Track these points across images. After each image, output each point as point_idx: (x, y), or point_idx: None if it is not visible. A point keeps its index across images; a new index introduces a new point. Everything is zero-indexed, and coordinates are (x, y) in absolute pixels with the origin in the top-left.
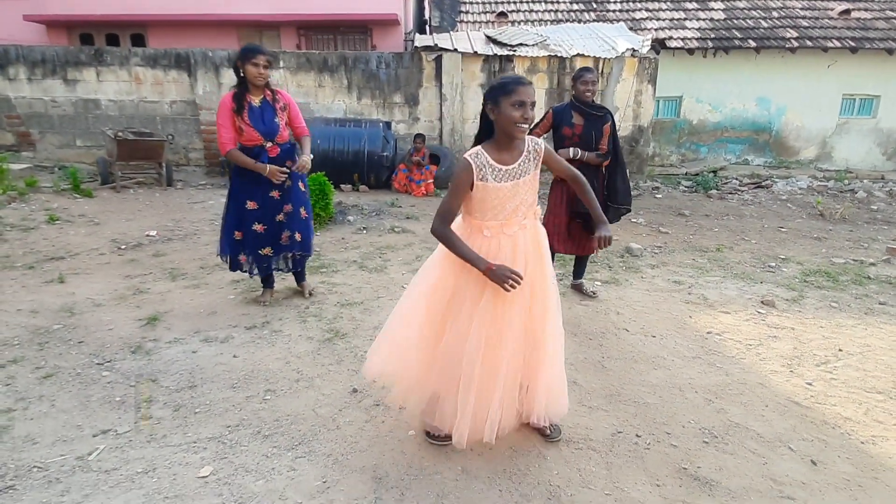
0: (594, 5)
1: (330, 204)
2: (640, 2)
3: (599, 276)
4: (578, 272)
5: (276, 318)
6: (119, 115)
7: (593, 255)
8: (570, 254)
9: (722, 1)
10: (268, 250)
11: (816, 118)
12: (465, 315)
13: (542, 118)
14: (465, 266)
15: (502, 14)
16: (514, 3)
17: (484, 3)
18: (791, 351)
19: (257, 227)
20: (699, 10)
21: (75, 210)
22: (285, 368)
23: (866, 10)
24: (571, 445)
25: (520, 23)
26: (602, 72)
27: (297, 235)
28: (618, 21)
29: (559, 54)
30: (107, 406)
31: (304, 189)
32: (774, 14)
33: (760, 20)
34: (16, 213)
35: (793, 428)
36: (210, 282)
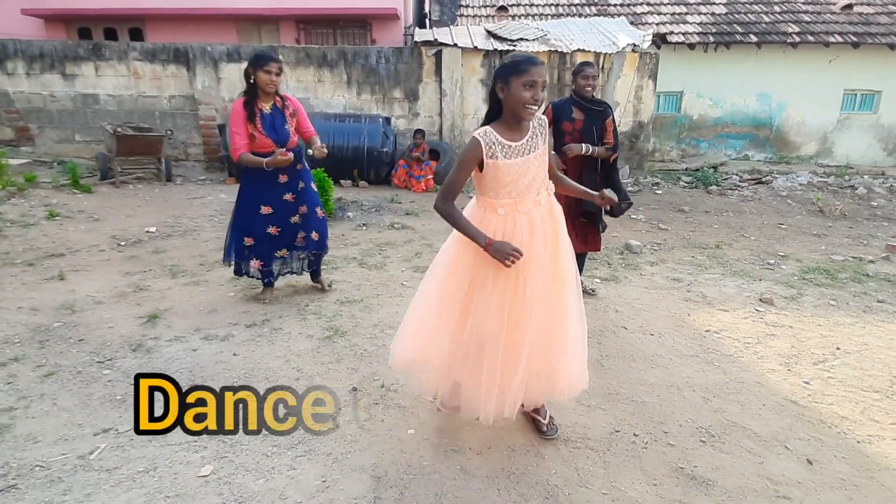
0: None
1: (329, 200)
2: None
3: (599, 274)
4: (578, 269)
5: (276, 316)
6: (118, 109)
7: (596, 252)
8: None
9: None
10: (283, 252)
11: (817, 113)
12: (486, 294)
13: (542, 113)
14: (481, 253)
15: (503, 8)
16: None
17: None
18: (789, 349)
19: (272, 229)
20: (700, 4)
21: (75, 206)
22: (285, 367)
23: (868, 5)
24: (569, 444)
25: (520, 17)
26: (603, 67)
27: (313, 235)
28: (619, 15)
29: (560, 49)
30: (107, 405)
31: (315, 189)
32: (776, 8)
33: (762, 14)
34: (15, 209)
35: (789, 427)
36: (210, 279)
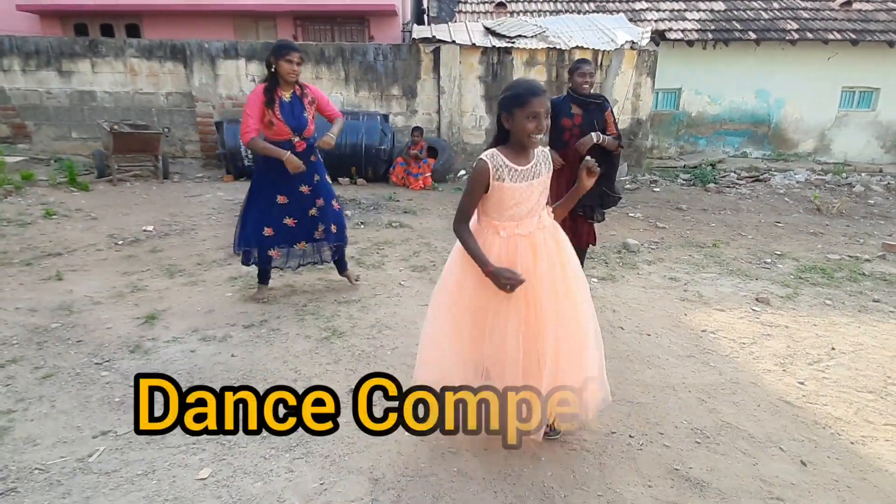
0: None
1: None
2: None
3: (596, 273)
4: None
5: (273, 317)
6: (115, 106)
7: (592, 245)
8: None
9: None
10: (303, 244)
11: (815, 111)
12: (501, 321)
13: None
14: (483, 273)
15: (501, 4)
16: None
17: None
18: (784, 349)
19: (288, 221)
20: (699, 0)
21: (72, 204)
22: (283, 368)
23: (868, 2)
24: (565, 446)
25: (519, 13)
26: (601, 64)
27: (332, 227)
28: (617, 12)
29: (558, 46)
30: (106, 407)
31: (329, 182)
32: (775, 5)
33: (761, 11)
34: (12, 208)
35: (784, 428)
36: (207, 279)
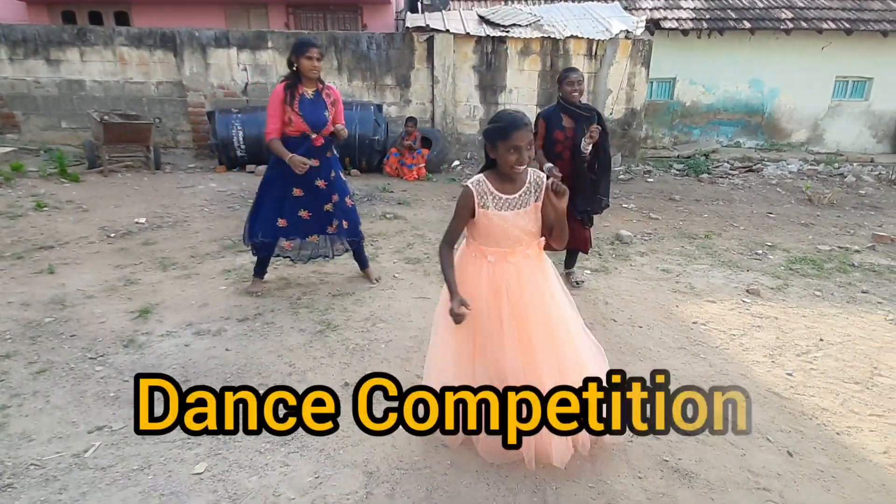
0: None
1: None
2: None
3: (589, 265)
4: (570, 262)
5: (267, 310)
6: (104, 96)
7: (584, 251)
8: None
9: None
10: (315, 237)
11: (809, 100)
12: (496, 345)
13: (536, 129)
14: (472, 294)
15: None
16: None
17: None
18: (773, 341)
19: (303, 213)
20: None
21: (63, 196)
22: (277, 362)
23: None
24: None
25: (513, 1)
26: (595, 54)
27: (344, 223)
28: (612, 0)
29: (553, 35)
30: (101, 402)
31: (343, 178)
32: None
33: (756, 0)
34: (2, 200)
35: (772, 419)
36: (201, 272)
